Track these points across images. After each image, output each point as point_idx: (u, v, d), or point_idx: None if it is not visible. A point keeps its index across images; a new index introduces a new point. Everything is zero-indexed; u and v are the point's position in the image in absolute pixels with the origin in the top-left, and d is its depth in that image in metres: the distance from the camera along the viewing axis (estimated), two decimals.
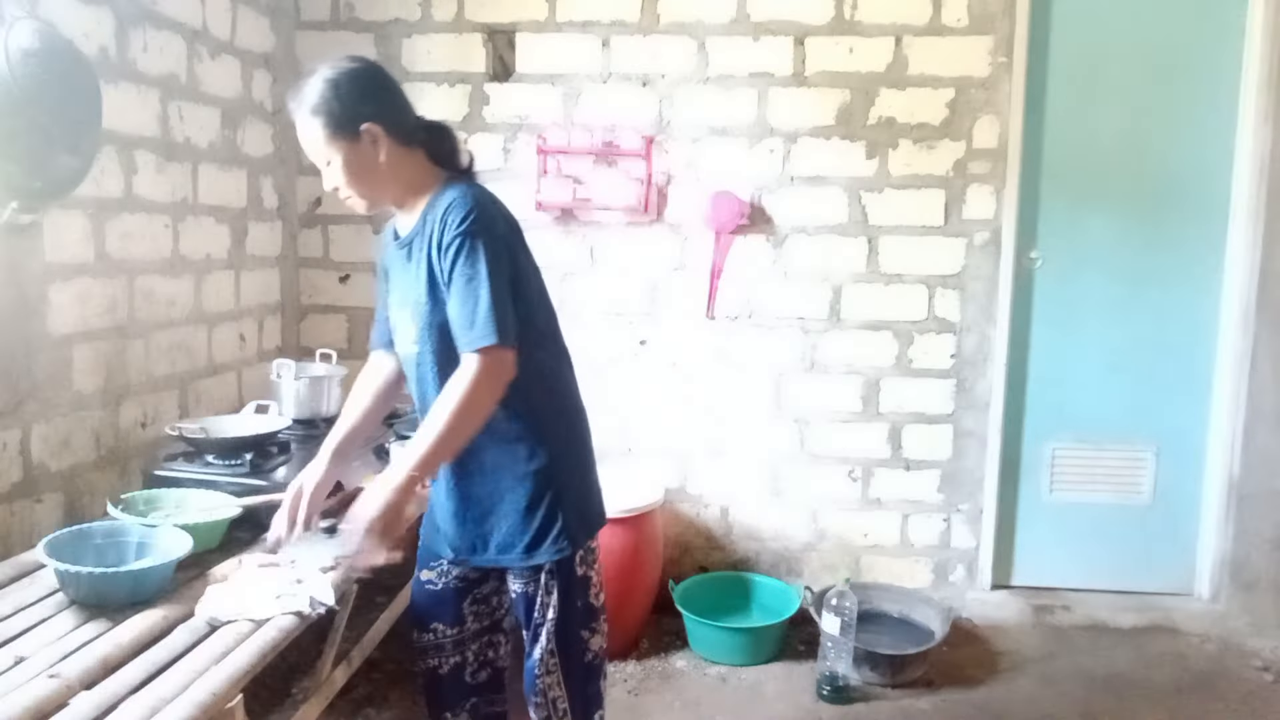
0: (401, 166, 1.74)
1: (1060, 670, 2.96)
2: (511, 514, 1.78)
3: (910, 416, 3.27)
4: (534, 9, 3.17)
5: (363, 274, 3.32)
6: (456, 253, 1.63)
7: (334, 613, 1.72)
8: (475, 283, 1.62)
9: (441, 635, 1.92)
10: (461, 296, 1.63)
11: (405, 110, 1.77)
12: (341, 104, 1.67)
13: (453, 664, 1.93)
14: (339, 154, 1.70)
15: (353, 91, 1.68)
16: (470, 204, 1.66)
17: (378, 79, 1.75)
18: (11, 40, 1.76)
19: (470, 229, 1.63)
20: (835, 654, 2.74)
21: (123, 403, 2.35)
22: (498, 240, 1.67)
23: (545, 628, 1.80)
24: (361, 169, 1.71)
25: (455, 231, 1.64)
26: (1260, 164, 3.07)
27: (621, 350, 3.28)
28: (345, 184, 1.73)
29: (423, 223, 1.73)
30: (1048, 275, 3.25)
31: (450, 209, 1.66)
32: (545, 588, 1.80)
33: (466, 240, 1.63)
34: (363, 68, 1.74)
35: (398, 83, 1.80)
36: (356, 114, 1.67)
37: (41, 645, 1.46)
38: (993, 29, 3.09)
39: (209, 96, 2.72)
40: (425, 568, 1.94)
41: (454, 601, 1.91)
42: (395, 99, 1.76)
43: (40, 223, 2.02)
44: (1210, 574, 3.27)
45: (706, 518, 3.35)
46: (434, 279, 1.69)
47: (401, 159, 1.73)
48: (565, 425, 1.84)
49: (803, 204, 3.20)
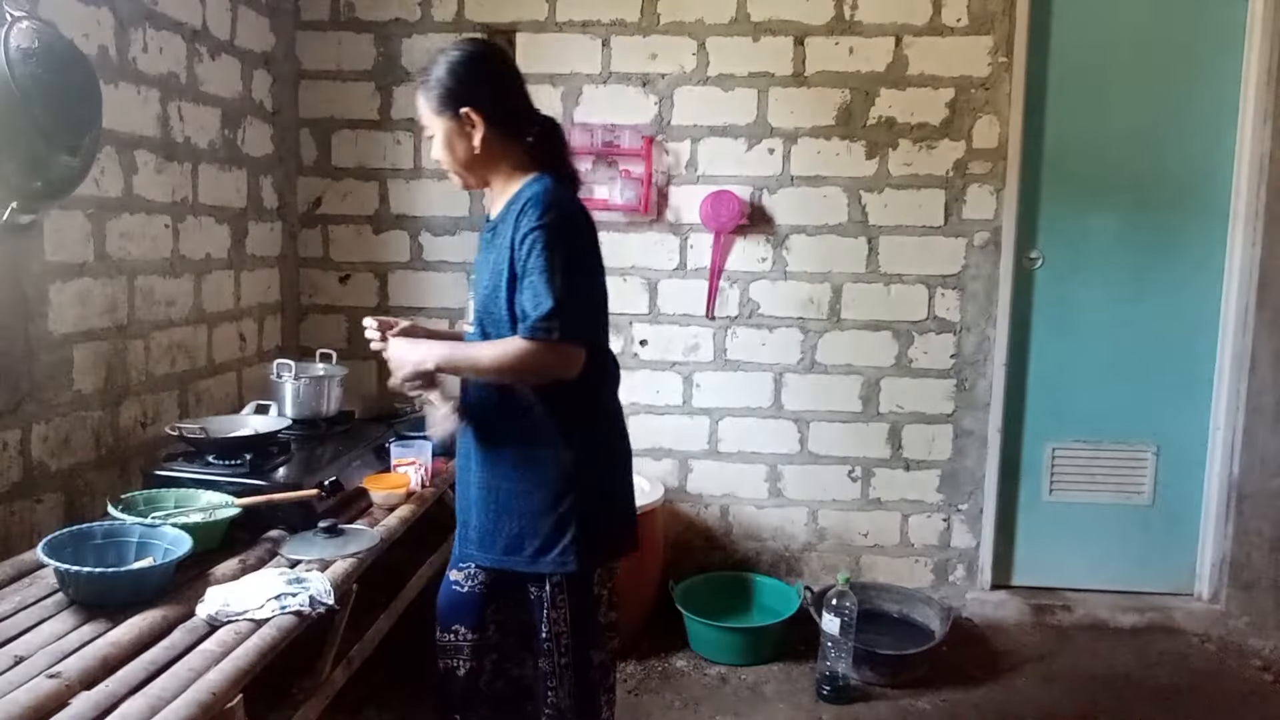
0: (496, 153, 1.78)
1: (1060, 670, 2.96)
2: (525, 514, 1.78)
3: (910, 416, 3.27)
4: (534, 9, 3.17)
5: (363, 274, 3.32)
6: (530, 248, 1.66)
7: (334, 612, 1.72)
8: (552, 275, 1.64)
9: (462, 638, 1.92)
10: (530, 288, 1.65)
11: (511, 100, 1.81)
12: (450, 83, 1.75)
13: (469, 668, 1.92)
14: (439, 129, 1.78)
15: (462, 73, 1.75)
16: (551, 200, 1.70)
17: (491, 65, 1.80)
18: (11, 40, 1.76)
19: (549, 225, 1.66)
20: (835, 654, 2.74)
21: (123, 403, 2.35)
22: (575, 240, 1.72)
23: (554, 643, 1.81)
24: (456, 147, 1.78)
25: (534, 224, 1.66)
26: (1260, 164, 3.07)
27: (621, 350, 3.28)
28: (441, 158, 1.81)
29: (506, 211, 1.77)
30: (1048, 275, 3.25)
31: (530, 202, 1.70)
32: (554, 601, 1.80)
33: (543, 236, 1.65)
34: (480, 52, 1.81)
35: (515, 72, 1.84)
36: (460, 95, 1.74)
37: (41, 645, 1.46)
38: (993, 29, 3.09)
39: (209, 96, 2.72)
40: (455, 568, 1.94)
41: (477, 606, 1.91)
42: (504, 87, 1.80)
43: (40, 223, 2.02)
44: (1210, 574, 3.27)
45: (706, 518, 3.35)
46: (502, 271, 1.72)
47: (498, 146, 1.77)
48: (600, 441, 1.84)
49: (802, 204, 3.20)
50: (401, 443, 2.48)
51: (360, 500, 2.26)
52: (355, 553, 1.92)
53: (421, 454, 2.42)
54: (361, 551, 1.93)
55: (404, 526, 2.18)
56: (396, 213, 3.29)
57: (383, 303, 3.32)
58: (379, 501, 2.25)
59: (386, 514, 2.20)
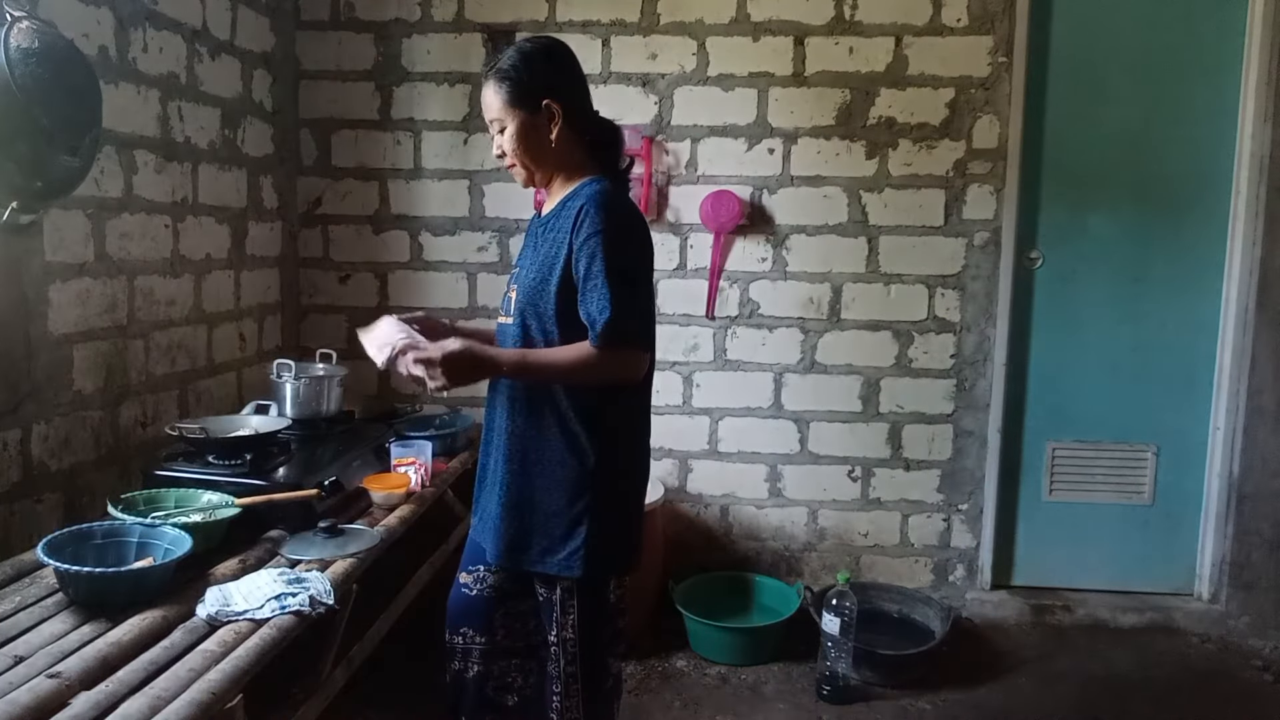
0: (564, 150, 1.78)
1: (1060, 670, 2.96)
2: (538, 513, 1.77)
3: (910, 416, 3.27)
4: (534, 9, 3.17)
5: (363, 274, 3.32)
6: (592, 253, 1.66)
7: (334, 612, 1.72)
8: (613, 282, 1.65)
9: (470, 641, 1.91)
10: (597, 294, 1.65)
11: (584, 97, 1.82)
12: (530, 74, 1.74)
13: (476, 672, 1.91)
14: (514, 121, 1.75)
15: (543, 65, 1.76)
16: (614, 204, 1.71)
17: (568, 61, 1.81)
18: (11, 40, 1.76)
19: (608, 231, 1.67)
20: (835, 654, 2.74)
21: (123, 403, 2.35)
22: (634, 247, 1.74)
23: (562, 649, 1.79)
24: (530, 141, 1.76)
25: (592, 230, 1.67)
26: (1260, 164, 3.07)
27: None
28: (512, 151, 1.78)
29: (561, 207, 1.77)
30: (1048, 275, 3.25)
31: (593, 203, 1.69)
32: (562, 607, 1.78)
33: (603, 241, 1.66)
34: (557, 46, 1.81)
35: (582, 71, 1.84)
36: (541, 87, 1.74)
37: (41, 645, 1.46)
38: (993, 29, 3.10)
39: (209, 96, 2.72)
40: (465, 570, 1.93)
41: (486, 610, 1.89)
42: (579, 84, 1.81)
43: (40, 223, 2.02)
44: (1210, 574, 3.27)
45: (706, 518, 3.35)
46: (550, 264, 1.72)
47: (568, 142, 1.78)
48: (627, 453, 1.83)
49: (803, 204, 3.20)
50: (401, 443, 2.48)
51: (360, 500, 2.26)
52: (355, 553, 1.92)
53: (421, 454, 2.42)
54: (361, 551, 1.93)
55: (404, 526, 2.18)
56: (396, 213, 3.29)
57: (383, 303, 3.32)
58: (379, 501, 2.25)
59: (386, 514, 2.20)
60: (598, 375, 1.70)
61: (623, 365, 1.70)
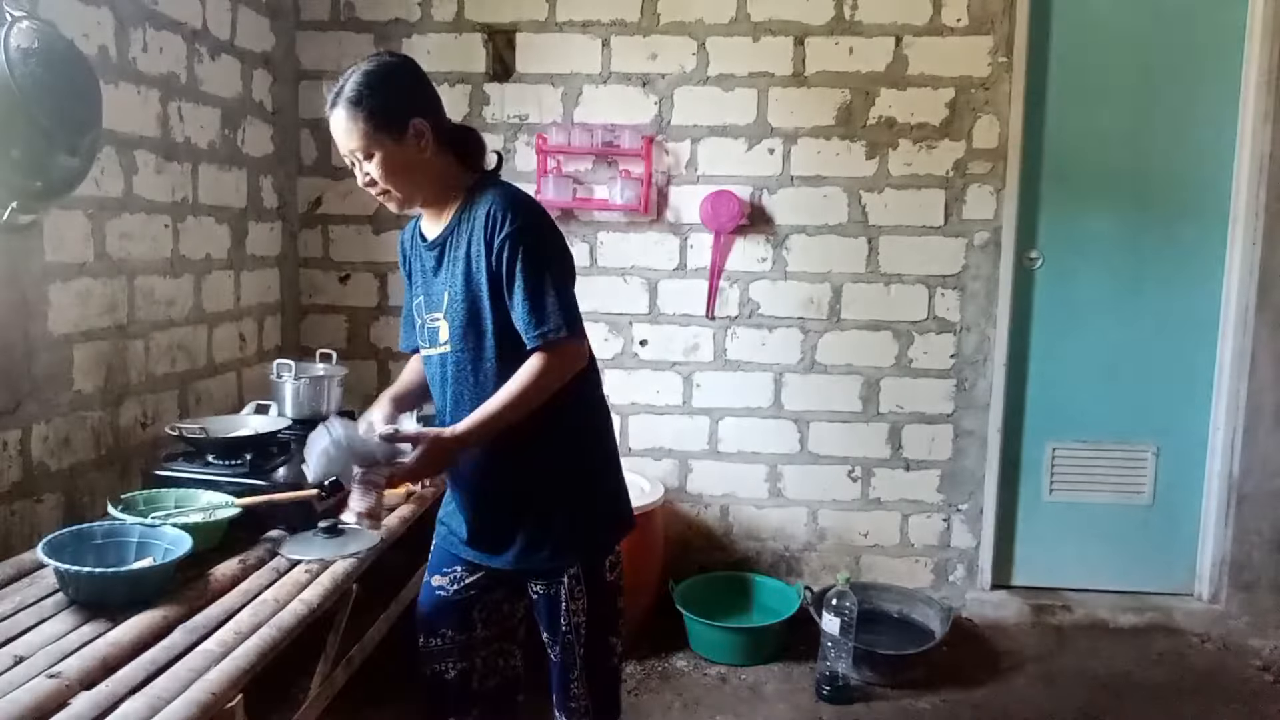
0: (438, 166, 1.72)
1: (1060, 670, 2.96)
2: (540, 514, 1.75)
3: (910, 416, 3.27)
4: (534, 9, 3.17)
5: (363, 274, 3.32)
6: (514, 251, 1.63)
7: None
8: (540, 278, 1.63)
9: (449, 640, 1.87)
10: (526, 293, 1.63)
11: (441, 108, 1.76)
12: (388, 98, 1.65)
13: (460, 670, 1.88)
14: (382, 148, 1.66)
15: (399, 86, 1.68)
16: (518, 204, 1.68)
17: (419, 75, 1.74)
18: (11, 40, 1.76)
19: (525, 227, 1.64)
20: (835, 654, 2.74)
21: (123, 403, 2.35)
22: (552, 237, 1.71)
23: (575, 635, 1.78)
24: (404, 165, 1.68)
25: (509, 230, 1.63)
26: (1260, 164, 3.07)
27: (621, 350, 3.29)
28: (383, 180, 1.69)
29: (457, 222, 1.72)
30: (1048, 275, 3.25)
31: (495, 209, 1.66)
32: (572, 593, 1.76)
33: (523, 238, 1.64)
34: (404, 63, 1.74)
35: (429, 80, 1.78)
36: (404, 108, 1.66)
37: (41, 645, 1.46)
38: (993, 29, 3.09)
39: (209, 96, 2.72)
40: (437, 573, 1.88)
41: (463, 609, 1.86)
42: (434, 96, 1.75)
43: (40, 223, 2.02)
44: (1210, 574, 3.27)
45: (706, 518, 3.35)
46: (472, 279, 1.68)
47: (438, 158, 1.72)
48: (598, 428, 1.84)
49: (802, 204, 3.20)
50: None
51: None
52: (355, 553, 1.92)
53: None
54: (361, 551, 1.93)
55: (404, 526, 2.18)
56: (396, 213, 3.28)
57: (383, 302, 3.32)
58: None
59: (386, 514, 2.20)
60: (551, 381, 1.66)
61: (571, 359, 1.69)
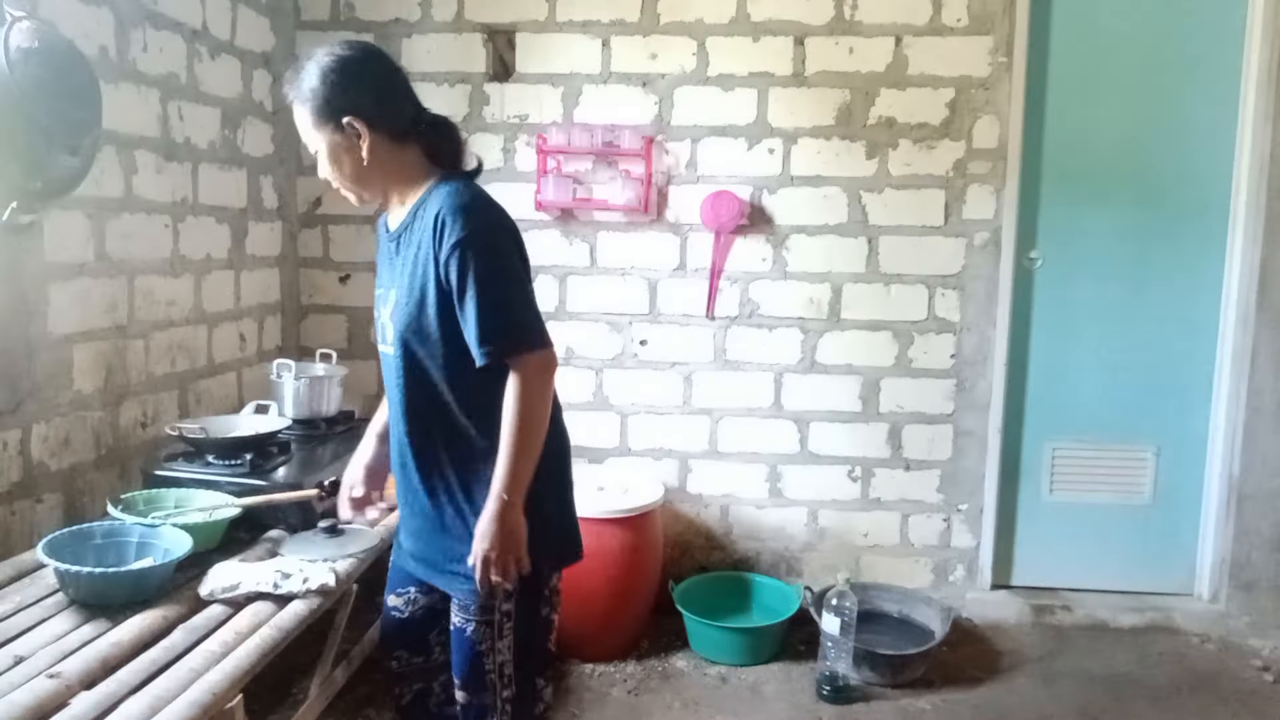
0: (389, 162, 1.64)
1: (1060, 670, 2.96)
2: (464, 530, 1.63)
3: (910, 416, 3.27)
4: (534, 9, 3.17)
5: (363, 274, 3.32)
6: (462, 263, 1.54)
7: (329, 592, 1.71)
8: (494, 289, 1.55)
9: (405, 663, 1.81)
10: (481, 305, 1.54)
11: (397, 103, 1.65)
12: (328, 93, 1.59)
13: (416, 691, 1.82)
14: (323, 144, 1.64)
15: (340, 81, 1.60)
16: (465, 209, 1.57)
17: (371, 68, 1.64)
18: (11, 40, 1.76)
19: (471, 235, 1.54)
20: (835, 654, 2.74)
21: (123, 403, 2.35)
22: (503, 241, 1.61)
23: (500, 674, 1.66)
24: (343, 161, 1.64)
25: (457, 238, 1.54)
26: (1260, 164, 3.07)
27: (621, 350, 3.29)
28: (330, 174, 1.68)
29: (413, 218, 1.64)
30: (1048, 275, 3.25)
31: (444, 213, 1.56)
32: (499, 631, 1.64)
33: (470, 248, 1.54)
34: (356, 56, 1.63)
35: (396, 72, 1.69)
36: (341, 105, 1.59)
37: (41, 645, 1.46)
38: (993, 29, 3.09)
39: (209, 96, 2.72)
40: (393, 593, 1.81)
41: (419, 630, 1.79)
42: (388, 90, 1.65)
43: (40, 223, 2.02)
44: (1210, 574, 3.27)
45: (706, 518, 3.35)
46: (418, 285, 1.60)
47: (389, 154, 1.64)
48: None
49: (803, 204, 3.20)
50: None
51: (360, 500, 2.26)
52: (355, 553, 1.92)
53: None
54: (361, 551, 1.94)
55: None
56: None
57: None
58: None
59: (386, 514, 2.20)
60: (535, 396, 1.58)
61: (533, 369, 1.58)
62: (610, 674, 2.87)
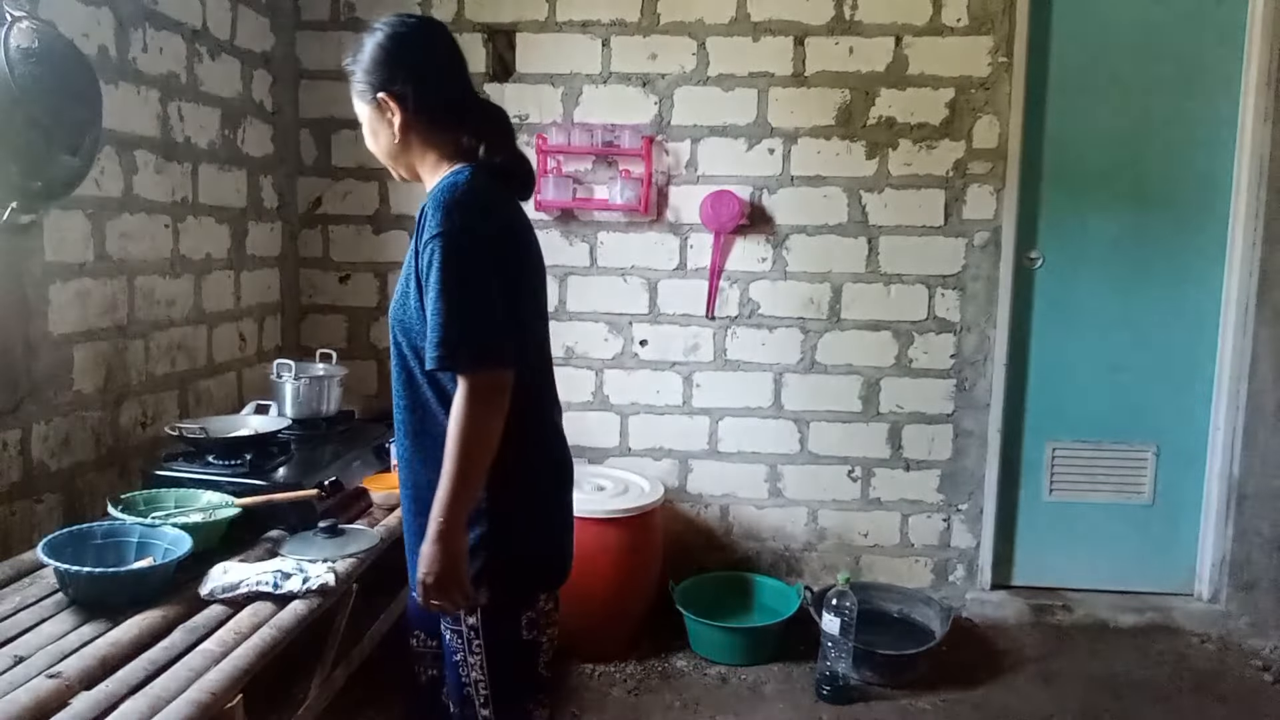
0: (422, 143, 1.60)
1: (1060, 670, 2.96)
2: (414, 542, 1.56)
3: (910, 416, 3.27)
4: (534, 9, 3.17)
5: (363, 274, 3.32)
6: (432, 257, 1.44)
7: (329, 592, 1.71)
8: (455, 293, 1.43)
9: (423, 643, 1.78)
10: (439, 308, 1.43)
11: (441, 85, 1.60)
12: (371, 65, 1.58)
13: (430, 676, 1.79)
14: (363, 116, 1.63)
15: (384, 56, 1.57)
16: (454, 203, 1.47)
17: (421, 45, 1.61)
18: (11, 40, 1.76)
19: (450, 232, 1.44)
20: (835, 654, 2.74)
21: (123, 403, 2.35)
22: (480, 244, 1.47)
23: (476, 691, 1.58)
24: (379, 135, 1.61)
25: (432, 233, 1.45)
26: (1260, 164, 3.07)
27: (621, 350, 3.29)
28: (370, 145, 1.65)
29: (423, 207, 1.55)
30: (1048, 275, 3.25)
31: (434, 203, 1.48)
32: (469, 645, 1.57)
33: (443, 244, 1.44)
34: (408, 32, 1.60)
35: (447, 51, 1.64)
36: (380, 79, 1.57)
37: (41, 645, 1.46)
38: (993, 29, 3.09)
39: (209, 96, 2.72)
40: None
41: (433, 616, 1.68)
42: (432, 71, 1.60)
43: (40, 223, 2.02)
44: (1210, 574, 3.27)
45: (706, 518, 3.35)
46: (408, 277, 1.54)
47: (423, 136, 1.59)
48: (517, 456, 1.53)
49: (803, 204, 3.20)
50: None
51: (360, 500, 2.26)
52: (355, 553, 1.92)
53: None
54: (361, 551, 1.94)
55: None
56: (396, 213, 3.29)
57: (383, 302, 3.32)
58: (379, 501, 2.25)
59: (386, 514, 2.20)
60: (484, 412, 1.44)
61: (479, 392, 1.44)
62: (610, 674, 2.87)
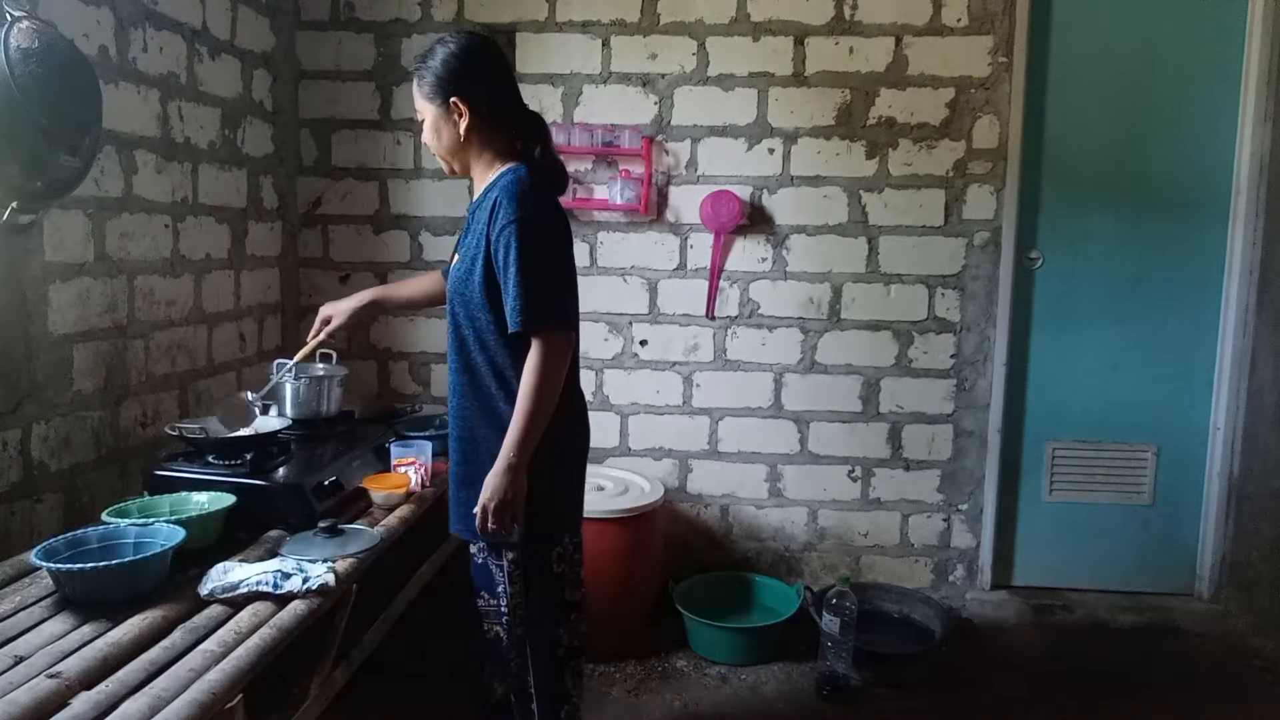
0: (480, 143, 1.88)
1: (1060, 670, 2.96)
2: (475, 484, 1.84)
3: (910, 416, 3.27)
4: (534, 9, 3.17)
5: (362, 274, 3.32)
6: (508, 242, 1.75)
7: (329, 592, 1.72)
8: (534, 270, 1.75)
9: (487, 603, 2.02)
10: (521, 282, 1.74)
11: (501, 95, 1.89)
12: (442, 71, 1.84)
13: (495, 633, 2.02)
14: (428, 115, 1.88)
15: (455, 63, 1.84)
16: (521, 195, 1.78)
17: (483, 57, 1.87)
18: (11, 40, 1.76)
19: (523, 219, 1.75)
20: (835, 654, 2.74)
21: (123, 403, 2.35)
22: (547, 230, 1.82)
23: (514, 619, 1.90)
24: (443, 132, 1.88)
25: (508, 219, 1.75)
26: (1260, 164, 3.07)
27: (621, 350, 3.29)
28: (430, 141, 1.92)
29: (484, 197, 1.86)
30: (1048, 275, 3.25)
31: (505, 194, 1.78)
32: (510, 577, 1.88)
33: (519, 230, 1.75)
34: (474, 44, 1.88)
35: (506, 66, 1.94)
36: (453, 85, 1.83)
37: (41, 645, 1.46)
38: (993, 29, 3.10)
39: (209, 96, 2.72)
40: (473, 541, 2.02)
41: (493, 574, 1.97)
42: (495, 82, 1.88)
43: (40, 223, 2.02)
44: (1210, 574, 3.28)
45: (706, 518, 3.35)
46: (476, 257, 1.81)
47: (482, 137, 1.87)
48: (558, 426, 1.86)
49: (802, 204, 3.20)
50: (401, 443, 2.47)
51: (360, 500, 2.26)
52: (355, 553, 1.92)
53: (421, 454, 2.42)
54: (361, 551, 1.93)
55: (404, 526, 2.17)
56: (396, 213, 3.29)
57: None
58: (379, 501, 2.25)
59: (386, 514, 2.20)
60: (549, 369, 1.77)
61: (553, 346, 1.78)
62: (610, 674, 2.87)
